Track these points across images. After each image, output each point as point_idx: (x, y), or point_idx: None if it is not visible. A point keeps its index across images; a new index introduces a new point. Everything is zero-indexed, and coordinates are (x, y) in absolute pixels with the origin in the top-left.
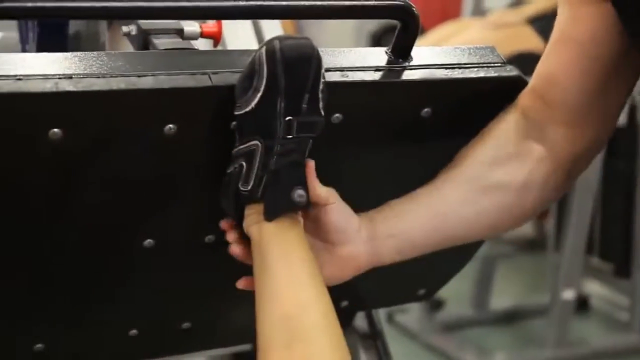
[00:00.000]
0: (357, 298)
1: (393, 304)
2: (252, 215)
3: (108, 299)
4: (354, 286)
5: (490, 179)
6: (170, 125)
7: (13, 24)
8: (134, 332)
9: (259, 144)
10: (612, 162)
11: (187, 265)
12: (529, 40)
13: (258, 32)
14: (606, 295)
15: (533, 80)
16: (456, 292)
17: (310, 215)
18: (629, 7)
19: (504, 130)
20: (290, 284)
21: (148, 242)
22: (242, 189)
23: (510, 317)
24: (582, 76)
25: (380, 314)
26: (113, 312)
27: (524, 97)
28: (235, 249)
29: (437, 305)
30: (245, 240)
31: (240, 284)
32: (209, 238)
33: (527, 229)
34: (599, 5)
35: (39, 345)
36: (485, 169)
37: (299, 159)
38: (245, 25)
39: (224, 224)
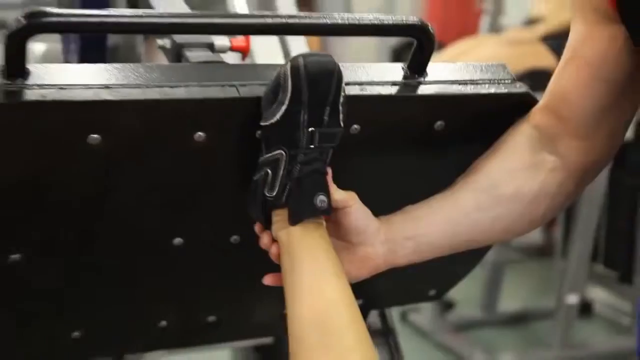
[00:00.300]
0: (372, 297)
1: (405, 303)
2: (280, 222)
3: (140, 292)
4: (369, 285)
5: (505, 188)
6: (200, 133)
7: (57, 36)
8: (163, 323)
9: (284, 153)
10: (618, 175)
11: (213, 263)
12: (542, 58)
13: (284, 47)
14: (609, 300)
15: (546, 97)
16: (466, 294)
17: (331, 217)
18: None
19: (519, 142)
20: (318, 283)
21: (177, 240)
22: (267, 195)
23: (518, 320)
24: (592, 95)
25: (394, 313)
26: (144, 304)
27: (537, 112)
28: (273, 250)
29: (449, 306)
30: (275, 242)
31: (267, 280)
32: (234, 238)
33: (535, 237)
34: (611, 26)
35: (76, 333)
36: (500, 179)
37: (320, 167)
38: (272, 40)
39: (257, 228)
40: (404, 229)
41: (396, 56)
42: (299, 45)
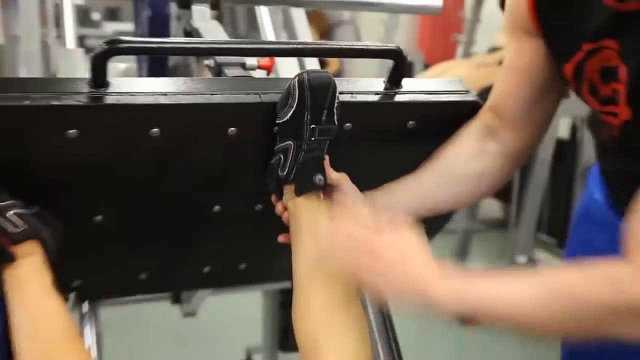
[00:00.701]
0: None
1: None
2: (289, 194)
3: (190, 246)
4: None
5: (458, 170)
6: (232, 129)
7: (133, 57)
8: (207, 269)
9: (292, 143)
10: (558, 166)
11: (242, 225)
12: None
13: (301, 64)
14: (550, 261)
15: (489, 100)
16: (441, 255)
17: (328, 193)
18: (555, 42)
19: (470, 135)
20: (315, 237)
21: (216, 208)
22: (280, 174)
23: None
24: (521, 96)
25: None
26: (193, 255)
27: (484, 112)
28: (285, 215)
29: None
30: (286, 209)
31: (280, 238)
32: (258, 207)
33: (496, 212)
34: (534, 40)
35: (143, 275)
36: (455, 163)
37: (319, 154)
38: (292, 60)
39: (273, 199)
40: (382, 201)
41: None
42: (312, 63)
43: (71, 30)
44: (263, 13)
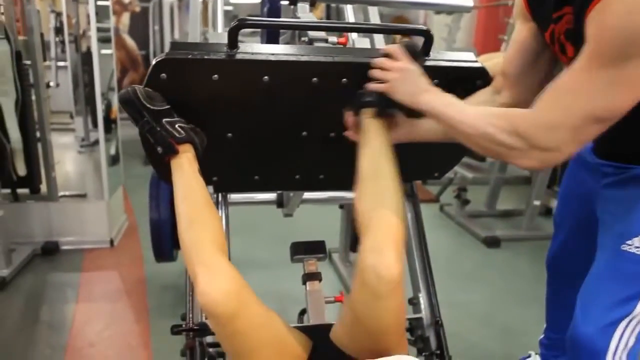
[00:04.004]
0: (404, 174)
1: (420, 179)
2: (366, 114)
3: (287, 159)
4: (402, 167)
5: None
6: (315, 79)
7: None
8: (297, 177)
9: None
10: None
11: (322, 147)
12: None
13: (372, 42)
14: None
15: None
16: (477, 198)
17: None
18: (538, 18)
19: (482, 92)
20: (378, 144)
21: (304, 133)
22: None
23: (506, 214)
24: (518, 60)
25: (436, 206)
26: (288, 166)
27: (495, 78)
28: (354, 134)
29: (466, 202)
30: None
31: (348, 134)
32: (332, 134)
33: (524, 171)
34: (528, 22)
35: (256, 177)
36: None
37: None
38: (364, 39)
39: (349, 119)
40: (419, 127)
41: None
42: (380, 42)
43: (221, 28)
44: (348, 11)
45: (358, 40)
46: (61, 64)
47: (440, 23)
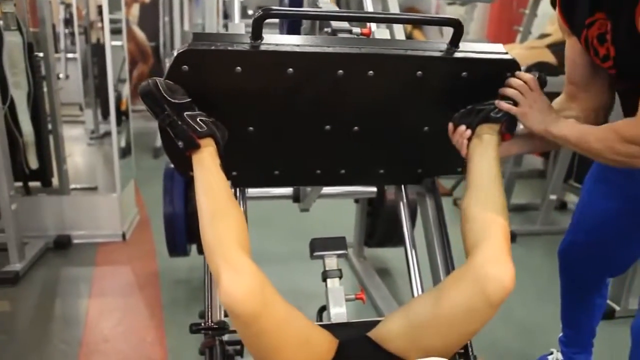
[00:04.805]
0: (426, 169)
1: (444, 174)
2: (487, 128)
3: (309, 153)
4: (424, 162)
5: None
6: (340, 71)
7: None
8: (318, 172)
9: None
10: None
11: (344, 141)
12: (546, 56)
13: (391, 33)
14: (577, 201)
15: (566, 79)
16: None
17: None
18: (574, 28)
19: (558, 101)
20: (495, 156)
21: (327, 127)
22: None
23: (522, 208)
24: (579, 72)
25: (449, 200)
26: (309, 161)
27: (565, 87)
28: (460, 142)
29: None
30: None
31: (456, 142)
32: (355, 129)
33: (538, 164)
34: (573, 38)
35: (277, 172)
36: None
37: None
38: (385, 30)
39: (460, 127)
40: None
41: None
42: (400, 33)
43: (236, 19)
44: (367, 1)
45: (378, 32)
46: (70, 55)
47: (453, 14)
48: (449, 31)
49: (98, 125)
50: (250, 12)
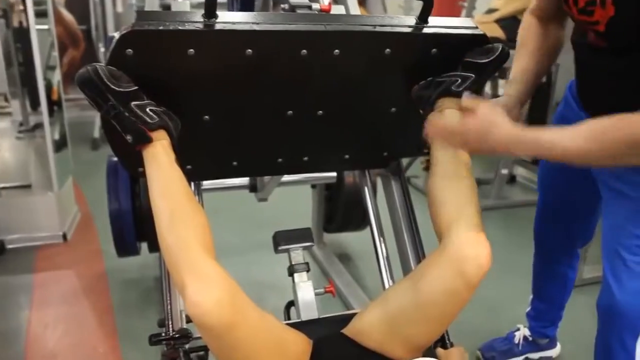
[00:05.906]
0: (392, 152)
1: (408, 155)
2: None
3: (271, 141)
4: (390, 144)
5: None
6: (304, 51)
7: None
8: (280, 160)
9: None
10: (536, 102)
11: (306, 127)
12: (495, 31)
13: (346, 9)
14: (526, 174)
15: (531, 7)
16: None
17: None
18: None
19: (535, 29)
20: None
21: (289, 112)
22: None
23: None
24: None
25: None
26: (271, 149)
27: (532, 11)
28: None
29: None
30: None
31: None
32: (320, 112)
33: None
34: None
35: (235, 162)
36: (542, 45)
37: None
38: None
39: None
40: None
41: None
42: (354, 8)
43: None
44: None
45: (333, 8)
46: None
47: None
48: (391, 6)
49: (27, 117)
50: None
